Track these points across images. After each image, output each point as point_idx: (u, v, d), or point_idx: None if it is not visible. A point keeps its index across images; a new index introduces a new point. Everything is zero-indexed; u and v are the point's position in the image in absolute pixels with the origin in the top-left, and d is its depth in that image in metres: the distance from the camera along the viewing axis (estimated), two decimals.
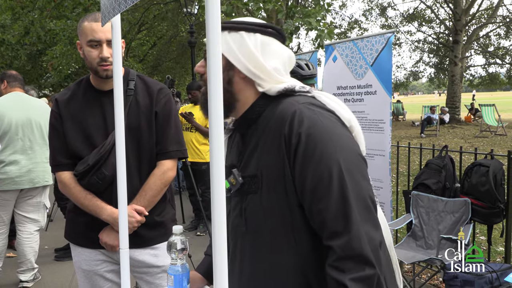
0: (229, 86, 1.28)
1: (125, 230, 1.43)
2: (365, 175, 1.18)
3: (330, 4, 8.67)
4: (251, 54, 1.25)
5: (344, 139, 1.18)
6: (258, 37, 1.27)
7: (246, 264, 1.29)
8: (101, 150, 1.92)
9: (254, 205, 1.23)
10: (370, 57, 3.70)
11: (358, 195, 1.12)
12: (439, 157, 3.84)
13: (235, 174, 1.28)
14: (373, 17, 28.73)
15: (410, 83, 31.52)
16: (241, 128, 1.35)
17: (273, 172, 1.20)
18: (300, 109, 1.18)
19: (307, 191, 1.15)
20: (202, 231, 5.68)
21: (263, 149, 1.24)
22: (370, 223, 1.12)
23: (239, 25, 1.27)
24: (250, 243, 1.26)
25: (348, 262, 1.09)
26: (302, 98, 1.25)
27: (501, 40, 26.95)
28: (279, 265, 1.21)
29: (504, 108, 29.02)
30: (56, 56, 13.48)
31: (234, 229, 1.30)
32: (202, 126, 5.55)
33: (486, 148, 11.06)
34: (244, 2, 6.21)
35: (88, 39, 1.90)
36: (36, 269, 4.18)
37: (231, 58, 1.26)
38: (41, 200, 4.16)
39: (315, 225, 1.17)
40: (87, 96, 2.02)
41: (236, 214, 1.29)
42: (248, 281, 1.28)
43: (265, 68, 1.26)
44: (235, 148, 1.40)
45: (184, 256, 1.30)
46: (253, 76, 1.26)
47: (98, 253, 2.05)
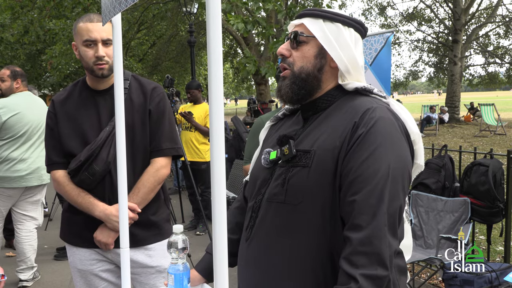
0: (319, 73, 1.31)
1: (126, 230, 1.43)
2: (405, 190, 1.20)
3: (330, 6, 8.67)
4: (347, 46, 1.28)
5: (403, 150, 1.21)
6: (352, 32, 1.31)
7: (272, 234, 1.28)
8: (93, 146, 1.94)
9: (299, 178, 1.24)
10: (369, 57, 3.70)
11: (392, 202, 1.14)
12: (439, 156, 3.84)
13: (292, 144, 1.29)
14: (372, 16, 28.70)
15: (409, 82, 31.54)
16: (307, 112, 1.37)
17: (327, 152, 1.22)
18: (375, 108, 1.22)
19: (349, 178, 1.17)
20: (201, 231, 5.68)
21: (325, 131, 1.26)
22: (392, 232, 1.14)
23: (336, 17, 1.30)
24: (285, 214, 1.26)
25: (362, 258, 1.10)
26: (378, 100, 1.28)
27: (500, 39, 27.02)
28: (306, 241, 1.22)
29: (504, 107, 29.03)
30: (56, 55, 13.45)
31: (270, 197, 1.30)
32: (202, 126, 5.55)
33: (486, 148, 11.07)
34: (243, 2, 6.21)
35: (83, 39, 1.93)
36: (35, 268, 4.19)
37: (327, 46, 1.28)
38: (40, 198, 4.22)
39: (343, 213, 1.18)
40: (83, 96, 2.05)
41: (278, 183, 1.29)
42: (270, 251, 1.28)
43: (357, 63, 1.30)
44: (286, 128, 1.42)
45: (185, 256, 1.31)
46: (344, 67, 1.29)
47: (93, 253, 2.05)
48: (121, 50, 1.39)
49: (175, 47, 22.33)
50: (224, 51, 23.19)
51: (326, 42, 1.28)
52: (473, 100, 25.36)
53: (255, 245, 1.32)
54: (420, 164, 1.31)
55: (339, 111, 1.28)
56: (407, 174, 1.21)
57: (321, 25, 1.28)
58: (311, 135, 1.29)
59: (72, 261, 2.10)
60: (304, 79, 1.30)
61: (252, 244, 1.33)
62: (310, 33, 1.30)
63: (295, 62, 1.32)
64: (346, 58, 1.28)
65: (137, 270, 2.08)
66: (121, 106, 1.41)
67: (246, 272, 1.35)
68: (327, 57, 1.30)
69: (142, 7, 16.66)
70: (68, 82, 21.41)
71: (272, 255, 1.27)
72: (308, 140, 1.28)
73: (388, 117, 1.21)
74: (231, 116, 7.90)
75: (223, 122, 0.82)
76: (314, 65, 1.31)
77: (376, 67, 3.65)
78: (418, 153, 1.29)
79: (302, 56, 1.31)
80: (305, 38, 1.31)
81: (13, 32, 13.02)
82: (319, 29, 1.28)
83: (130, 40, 20.65)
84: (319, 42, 1.29)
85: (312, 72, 1.31)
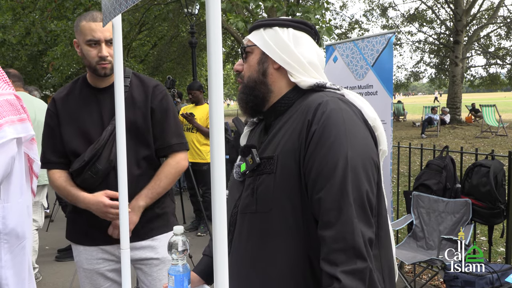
0: (264, 77, 1.36)
1: (126, 230, 1.43)
2: (370, 178, 1.19)
3: (329, 2, 8.67)
4: (284, 44, 1.33)
5: (359, 139, 1.20)
6: (290, 31, 1.36)
7: (249, 245, 1.29)
8: (96, 145, 1.95)
9: (266, 185, 1.25)
10: (371, 58, 3.69)
11: (357, 193, 1.14)
12: (440, 157, 3.83)
13: (254, 153, 1.31)
14: (374, 17, 28.68)
15: (410, 83, 31.51)
16: (269, 119, 1.40)
17: (289, 155, 1.23)
18: (327, 101, 1.24)
19: (311, 178, 1.18)
20: (202, 232, 5.68)
21: (284, 135, 1.28)
22: (363, 221, 1.14)
23: (273, 21, 1.37)
24: (259, 224, 1.27)
25: (340, 255, 1.10)
26: (331, 93, 1.30)
27: (501, 40, 26.98)
28: (286, 247, 1.22)
29: (505, 108, 29.00)
30: (57, 56, 13.48)
31: (243, 209, 1.32)
32: (203, 127, 5.55)
33: (487, 149, 11.05)
34: (243, 0, 6.20)
35: (87, 39, 1.93)
36: (36, 269, 4.19)
37: (266, 50, 1.34)
38: (39, 199, 4.21)
39: (314, 213, 1.19)
40: (84, 94, 2.05)
41: (248, 194, 1.31)
42: (250, 262, 1.29)
43: (299, 58, 1.32)
44: (256, 135, 1.45)
45: (185, 257, 1.30)
46: (286, 65, 1.32)
47: (99, 252, 2.06)
48: (121, 51, 1.39)
49: (177, 48, 22.36)
50: (225, 52, 23.20)
51: (264, 46, 1.34)
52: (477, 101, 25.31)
53: (236, 258, 1.33)
54: (384, 149, 1.31)
55: (295, 112, 1.30)
56: (369, 160, 1.20)
57: (261, 33, 1.36)
58: (274, 141, 1.31)
59: (78, 261, 2.11)
60: (252, 87, 1.36)
61: (233, 258, 1.33)
62: (252, 43, 1.38)
63: (245, 73, 1.39)
64: (287, 56, 1.32)
65: (142, 262, 2.10)
66: (121, 106, 1.41)
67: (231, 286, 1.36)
68: (268, 60, 1.35)
69: (144, 8, 16.68)
70: None
71: (251, 267, 1.28)
72: (271, 146, 1.30)
73: (340, 108, 1.22)
74: (233, 117, 7.91)
75: (223, 123, 0.81)
76: (257, 71, 1.37)
77: (378, 68, 3.65)
78: (380, 138, 1.29)
79: (249, 66, 1.38)
80: (250, 49, 1.38)
81: (15, 34, 13.05)
82: (259, 37, 1.36)
83: (131, 41, 20.68)
84: (260, 50, 1.36)
85: (257, 77, 1.36)
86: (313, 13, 7.02)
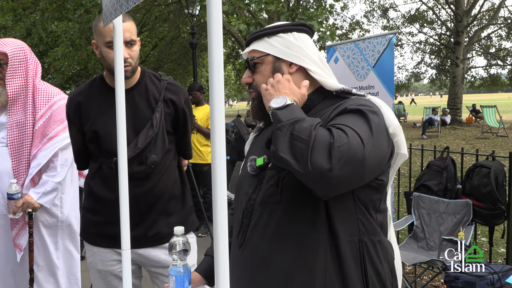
0: None
1: (126, 231, 1.43)
2: (385, 143, 1.20)
3: (333, 5, 8.67)
4: (297, 47, 1.35)
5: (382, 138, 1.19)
6: (295, 34, 1.38)
7: (267, 235, 1.29)
8: (150, 133, 1.96)
9: (292, 177, 1.24)
10: (372, 58, 3.69)
11: (372, 147, 1.13)
12: (441, 158, 3.83)
13: None
14: (374, 18, 28.67)
15: (411, 84, 31.51)
16: None
17: None
18: (357, 98, 1.30)
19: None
20: (203, 233, 5.68)
21: None
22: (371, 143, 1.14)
23: (275, 28, 1.38)
24: (279, 214, 1.27)
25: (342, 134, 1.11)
26: (359, 97, 1.33)
27: (502, 41, 26.99)
28: (308, 236, 1.23)
29: (506, 109, 28.99)
30: (58, 57, 13.50)
31: (264, 199, 1.31)
32: (204, 128, 5.55)
33: (488, 150, 11.05)
34: (245, 3, 6.20)
35: (106, 40, 1.88)
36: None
37: (283, 55, 1.35)
38: None
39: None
40: (105, 96, 2.01)
41: (271, 184, 1.30)
42: (267, 251, 1.29)
43: (313, 58, 1.35)
44: (262, 142, 1.44)
45: (186, 257, 1.30)
46: (307, 65, 1.34)
47: (114, 253, 2.05)
48: (121, 52, 1.39)
49: (177, 49, 22.35)
50: (226, 53, 23.21)
51: (279, 52, 1.35)
52: (478, 102, 25.30)
53: (251, 251, 1.32)
54: (403, 153, 1.31)
55: (319, 111, 1.33)
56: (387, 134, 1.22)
57: (267, 41, 1.37)
58: None
59: (92, 261, 2.10)
60: None
61: (247, 250, 1.33)
62: (262, 53, 1.38)
63: (258, 83, 1.39)
64: (304, 56, 1.35)
65: (159, 270, 2.09)
66: (122, 107, 1.41)
67: (243, 280, 1.35)
68: (283, 66, 1.36)
69: (144, 9, 16.69)
70: (71, 84, 21.47)
71: (273, 259, 1.27)
72: None
73: (367, 106, 1.23)
74: (233, 117, 7.90)
75: (224, 123, 0.82)
76: None
77: (379, 68, 3.65)
78: (399, 143, 1.29)
79: (262, 76, 1.38)
80: (259, 60, 1.38)
81: (16, 34, 13.06)
82: (268, 46, 1.37)
83: None
84: (271, 58, 1.36)
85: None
86: (315, 19, 7.03)
